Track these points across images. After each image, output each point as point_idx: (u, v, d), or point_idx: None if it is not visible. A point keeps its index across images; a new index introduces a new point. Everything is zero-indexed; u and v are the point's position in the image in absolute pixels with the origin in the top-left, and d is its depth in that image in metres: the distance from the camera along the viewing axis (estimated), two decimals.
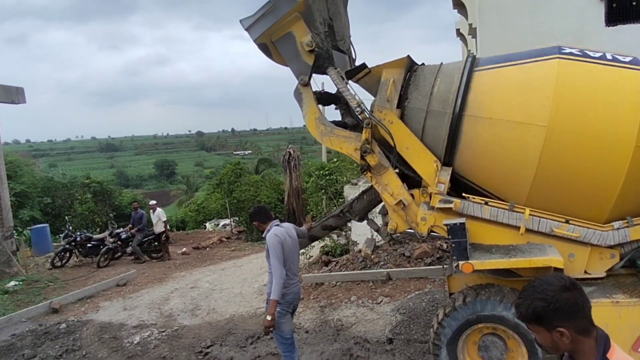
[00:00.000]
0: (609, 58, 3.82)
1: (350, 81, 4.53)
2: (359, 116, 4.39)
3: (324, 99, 4.92)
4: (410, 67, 4.41)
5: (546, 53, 3.92)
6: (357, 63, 4.83)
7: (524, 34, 8.99)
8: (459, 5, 14.24)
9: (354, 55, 5.15)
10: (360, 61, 4.65)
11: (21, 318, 7.64)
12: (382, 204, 4.70)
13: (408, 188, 4.34)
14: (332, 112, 5.27)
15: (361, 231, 9.17)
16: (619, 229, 3.73)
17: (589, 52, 3.89)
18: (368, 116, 4.20)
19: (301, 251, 5.56)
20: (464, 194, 4.08)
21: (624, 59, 3.83)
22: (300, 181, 18.11)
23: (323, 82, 4.97)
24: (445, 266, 5.26)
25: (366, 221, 5.11)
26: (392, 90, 4.18)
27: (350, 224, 9.84)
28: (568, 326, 1.59)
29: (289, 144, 21.99)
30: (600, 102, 3.67)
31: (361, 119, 4.31)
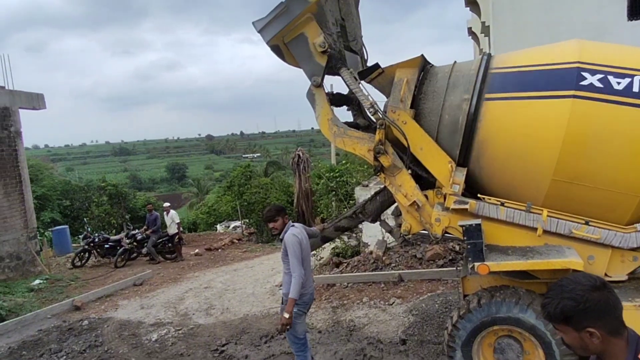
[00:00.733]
0: (636, 91, 3.50)
1: (363, 82, 4.48)
2: (372, 117, 4.35)
3: (336, 100, 4.89)
4: (424, 67, 4.35)
5: (562, 83, 3.65)
6: (369, 64, 4.79)
7: (540, 31, 8.69)
8: (472, 3, 13.87)
9: (366, 55, 5.11)
10: (371, 62, 4.63)
11: (46, 314, 7.89)
12: (395, 205, 4.67)
13: (421, 189, 4.27)
14: (344, 114, 5.30)
15: (372, 233, 9.25)
16: None
17: (612, 78, 3.54)
18: (381, 117, 4.14)
19: (312, 253, 5.64)
20: (479, 194, 4.02)
21: None
22: (309, 183, 18.27)
23: (332, 84, 5.05)
24: (459, 268, 5.29)
25: (379, 222, 5.06)
26: (406, 90, 4.13)
27: (361, 225, 9.97)
28: (598, 327, 1.53)
29: (297, 147, 22.10)
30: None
31: (374, 119, 4.28)
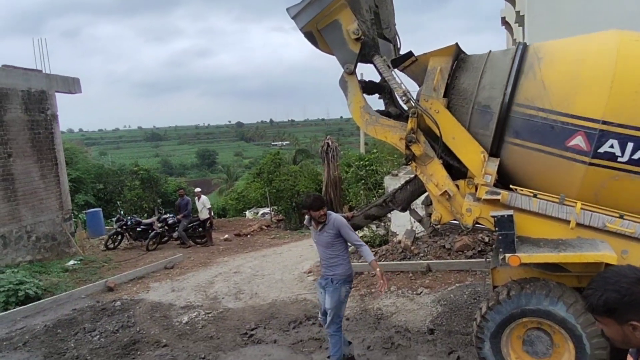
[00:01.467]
0: None
1: (395, 70, 4.45)
2: (404, 105, 4.33)
3: (368, 88, 4.86)
4: (458, 56, 4.31)
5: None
6: (402, 52, 4.77)
7: (576, 21, 8.52)
8: None
9: (399, 43, 5.06)
10: (403, 51, 4.61)
11: (81, 294, 8.18)
12: (426, 194, 4.66)
13: (452, 179, 4.25)
14: (376, 102, 5.26)
15: (400, 222, 9.15)
16: None
17: None
18: (414, 105, 4.13)
19: None
20: (511, 185, 3.98)
21: None
22: (338, 171, 18.20)
23: (362, 73, 4.97)
24: (488, 259, 5.19)
25: (409, 211, 5.05)
26: (439, 79, 4.10)
27: (390, 214, 9.84)
28: None
29: (326, 135, 22.07)
30: None
31: (407, 108, 4.25)
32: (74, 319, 6.90)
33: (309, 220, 4.60)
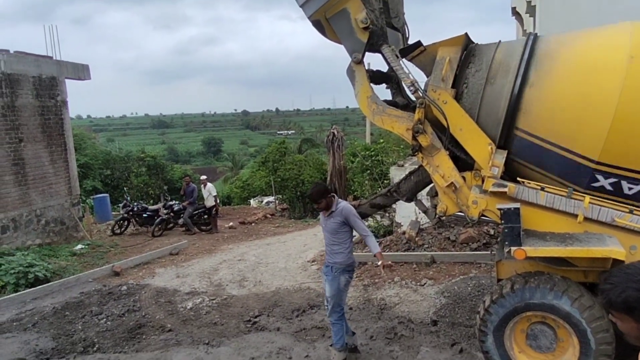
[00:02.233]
0: None
1: (404, 60, 4.39)
2: (412, 95, 4.29)
3: (375, 77, 4.82)
4: (467, 46, 4.24)
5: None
6: (410, 42, 4.70)
7: (589, 11, 8.22)
8: None
9: (407, 33, 5.00)
10: (411, 42, 4.54)
11: (88, 278, 8.29)
12: (431, 185, 4.63)
13: (458, 170, 4.21)
14: (383, 92, 5.24)
15: (405, 213, 9.16)
16: None
17: None
18: (422, 95, 4.09)
19: None
20: (518, 178, 3.95)
21: None
22: (343, 161, 18.21)
23: (369, 62, 4.95)
24: (493, 252, 5.20)
25: (414, 202, 5.02)
26: (448, 69, 4.04)
27: (394, 205, 9.86)
28: None
29: (332, 125, 22.02)
30: None
31: (414, 98, 4.21)
32: (82, 302, 7.01)
33: None
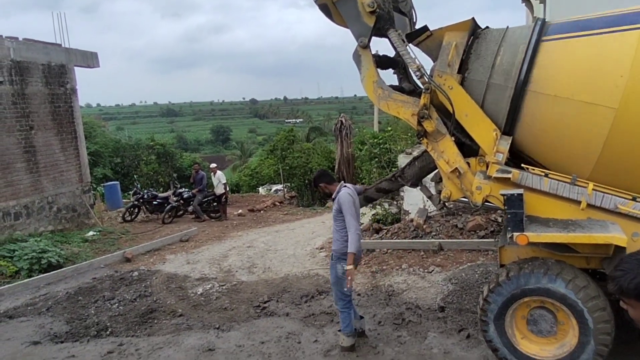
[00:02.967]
0: None
1: (410, 44, 4.36)
2: (417, 81, 4.26)
3: (382, 62, 4.77)
4: (474, 31, 4.19)
5: (627, 22, 3.52)
6: (417, 26, 4.65)
7: None
8: None
9: (414, 17, 4.95)
10: (419, 26, 4.50)
11: (100, 264, 8.45)
12: (436, 171, 4.61)
13: (463, 156, 4.21)
14: (390, 77, 5.21)
15: (413, 201, 9.16)
16: None
17: None
18: (427, 81, 4.06)
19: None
20: (523, 164, 3.94)
21: None
22: (351, 149, 18.18)
23: (377, 50, 4.93)
24: (497, 238, 5.20)
25: (419, 187, 5.03)
26: (454, 54, 4.01)
27: (402, 193, 9.85)
28: None
29: (339, 113, 21.93)
30: None
31: (420, 83, 4.18)
32: (94, 287, 7.14)
33: None
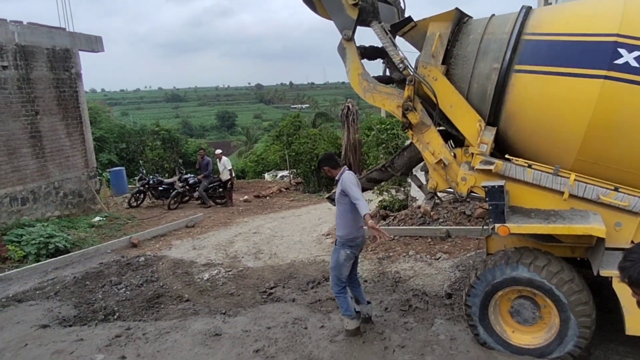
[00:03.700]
0: None
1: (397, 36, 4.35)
2: (402, 72, 4.24)
3: (369, 53, 4.78)
4: (459, 21, 4.19)
5: (595, 60, 3.51)
6: (406, 15, 4.65)
7: None
8: None
9: (403, 5, 4.93)
10: (411, 13, 4.48)
11: (106, 249, 8.56)
12: (424, 162, 4.63)
13: (454, 146, 4.26)
14: (377, 68, 5.20)
15: None
16: None
17: None
18: (411, 73, 4.07)
19: None
20: (507, 155, 3.96)
21: None
22: (358, 135, 18.02)
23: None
24: (484, 227, 5.21)
25: (409, 177, 5.07)
26: (438, 45, 4.03)
27: (410, 179, 9.77)
28: None
29: (346, 99, 21.74)
30: None
31: (404, 75, 4.18)
32: (101, 272, 7.22)
33: None
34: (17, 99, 10.27)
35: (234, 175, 14.53)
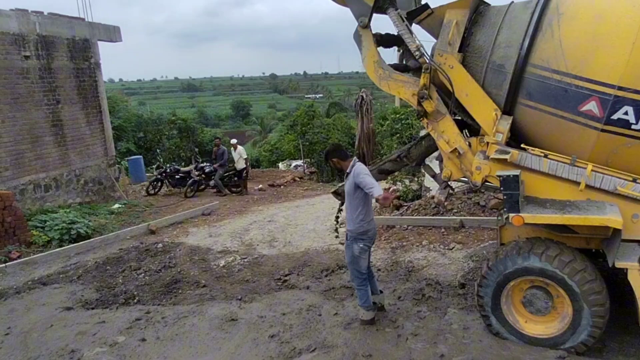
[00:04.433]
0: None
1: (414, 23, 4.33)
2: (418, 60, 4.22)
3: (385, 40, 4.73)
4: (477, 8, 4.15)
5: None
6: (423, 2, 4.59)
7: None
8: None
9: None
10: (427, 0, 4.46)
11: (126, 235, 8.77)
12: (439, 151, 4.62)
13: (469, 135, 4.21)
14: (392, 56, 4.90)
15: None
16: None
17: None
18: (427, 61, 4.04)
19: None
20: (523, 144, 3.93)
21: None
22: (372, 125, 17.96)
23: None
24: (498, 217, 5.20)
25: (422, 167, 5.05)
26: (455, 33, 3.99)
27: (424, 169, 9.74)
28: None
29: (360, 89, 21.63)
30: None
31: (420, 63, 4.15)
32: (121, 257, 7.40)
33: None
34: (39, 88, 10.50)
35: (249, 164, 14.67)
